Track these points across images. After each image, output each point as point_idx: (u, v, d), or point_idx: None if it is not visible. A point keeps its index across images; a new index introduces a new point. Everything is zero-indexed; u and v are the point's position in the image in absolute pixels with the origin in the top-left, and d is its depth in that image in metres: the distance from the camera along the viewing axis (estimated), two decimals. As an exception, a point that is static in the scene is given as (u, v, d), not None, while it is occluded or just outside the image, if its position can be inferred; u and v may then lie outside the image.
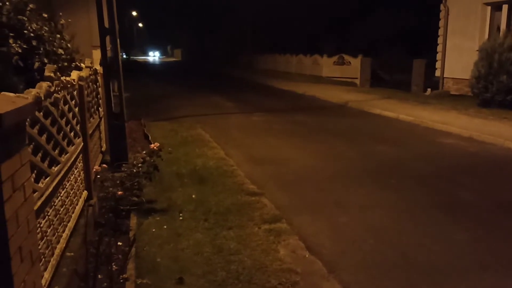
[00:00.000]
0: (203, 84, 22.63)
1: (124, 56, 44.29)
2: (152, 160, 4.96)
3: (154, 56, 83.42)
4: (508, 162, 7.22)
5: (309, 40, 31.47)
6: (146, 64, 52.64)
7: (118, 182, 4.56)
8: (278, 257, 3.76)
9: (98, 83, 6.31)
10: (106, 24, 6.05)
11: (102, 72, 6.32)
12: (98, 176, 4.64)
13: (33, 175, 2.59)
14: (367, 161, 7.17)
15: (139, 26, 78.60)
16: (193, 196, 5.22)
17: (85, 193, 4.31)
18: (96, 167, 4.81)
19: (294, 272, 3.51)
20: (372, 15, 28.40)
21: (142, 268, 3.53)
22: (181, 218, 4.57)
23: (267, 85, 21.64)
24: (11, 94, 2.08)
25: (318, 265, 3.67)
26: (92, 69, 5.78)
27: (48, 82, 3.04)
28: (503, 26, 13.90)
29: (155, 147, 5.06)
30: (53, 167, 3.07)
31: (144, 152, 5.11)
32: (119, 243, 3.88)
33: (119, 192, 4.37)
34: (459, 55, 15.30)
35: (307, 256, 3.82)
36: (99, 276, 3.13)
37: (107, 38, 6.09)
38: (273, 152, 7.79)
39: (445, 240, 4.23)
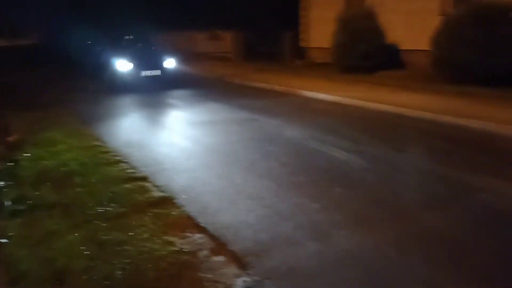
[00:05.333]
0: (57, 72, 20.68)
1: None
2: (13, 156, 4.42)
3: None
4: (364, 116, 8.16)
5: (184, 17, 30.77)
6: None
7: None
8: (166, 240, 3.67)
9: None
10: None
11: None
12: None
13: None
14: (244, 129, 7.40)
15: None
16: (69, 192, 4.77)
17: None
18: None
19: (183, 252, 3.47)
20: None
21: (12, 275, 3.15)
22: (53, 216, 4.16)
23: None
24: None
25: (206, 240, 3.68)
26: None
27: None
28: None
29: (14, 140, 4.50)
30: None
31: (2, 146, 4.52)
32: (-19, 253, 3.41)
33: (-26, 196, 3.82)
34: (322, 26, 16.38)
35: (195, 234, 3.79)
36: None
37: None
38: (145, 132, 7.74)
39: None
